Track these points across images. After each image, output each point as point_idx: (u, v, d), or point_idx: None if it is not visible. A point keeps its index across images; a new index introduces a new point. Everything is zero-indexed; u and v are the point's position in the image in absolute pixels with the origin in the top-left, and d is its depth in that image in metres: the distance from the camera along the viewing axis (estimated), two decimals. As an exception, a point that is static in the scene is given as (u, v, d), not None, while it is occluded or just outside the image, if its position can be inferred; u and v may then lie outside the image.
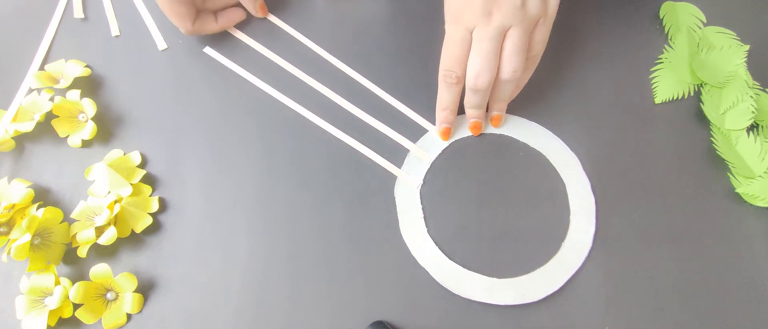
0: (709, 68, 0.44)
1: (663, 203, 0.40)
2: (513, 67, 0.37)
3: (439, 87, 0.40)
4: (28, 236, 0.37)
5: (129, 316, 0.39)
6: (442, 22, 0.44)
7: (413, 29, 0.46)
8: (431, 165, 0.42)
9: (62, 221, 0.40)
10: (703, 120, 0.43)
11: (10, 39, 0.47)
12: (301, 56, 0.46)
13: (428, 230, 0.40)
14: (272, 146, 0.43)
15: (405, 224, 0.40)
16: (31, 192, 0.41)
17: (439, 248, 0.39)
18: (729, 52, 0.44)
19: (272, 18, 0.47)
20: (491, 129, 0.43)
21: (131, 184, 0.41)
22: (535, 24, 0.37)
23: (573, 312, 0.38)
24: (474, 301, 0.38)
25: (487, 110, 0.42)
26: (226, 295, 0.39)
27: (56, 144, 0.43)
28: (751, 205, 0.40)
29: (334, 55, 0.45)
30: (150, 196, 0.41)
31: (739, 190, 0.40)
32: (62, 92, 0.44)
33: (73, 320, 0.38)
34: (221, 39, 0.46)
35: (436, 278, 0.38)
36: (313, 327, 0.38)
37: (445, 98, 0.40)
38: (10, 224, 0.40)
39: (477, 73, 0.37)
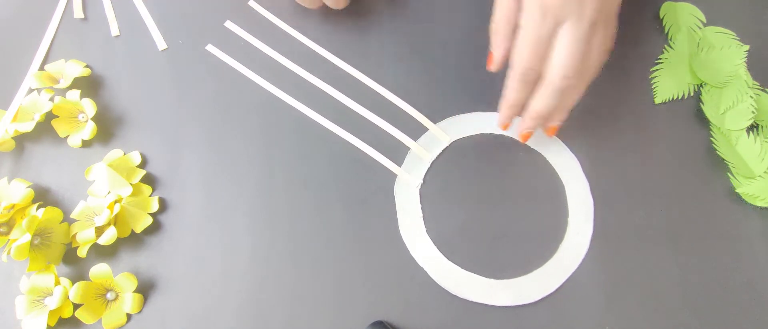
0: (709, 68, 0.44)
1: (663, 203, 0.40)
2: (596, 65, 0.35)
3: (511, 85, 0.37)
4: (28, 236, 0.37)
5: (129, 316, 0.39)
6: (440, 22, 0.44)
7: (414, 28, 0.46)
8: (432, 164, 0.42)
9: (62, 221, 0.40)
10: (703, 120, 0.43)
11: (10, 39, 0.47)
12: (301, 54, 0.45)
13: (427, 230, 0.40)
14: (272, 145, 0.43)
15: (404, 223, 0.40)
16: (31, 192, 0.41)
17: (438, 248, 0.39)
18: (729, 52, 0.44)
19: (272, 17, 0.47)
20: (495, 130, 0.43)
21: (131, 184, 0.41)
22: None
23: (573, 312, 0.38)
24: (473, 302, 0.38)
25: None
26: (226, 295, 0.39)
27: (56, 144, 0.43)
28: (751, 205, 0.40)
29: (335, 54, 0.45)
30: (150, 196, 0.41)
31: (739, 190, 0.40)
32: (62, 92, 0.44)
33: (73, 320, 0.38)
34: (221, 38, 0.46)
35: (434, 278, 0.38)
36: (313, 327, 0.38)
37: (517, 97, 0.37)
38: (10, 224, 0.40)
39: (567, 74, 0.34)
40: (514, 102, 0.38)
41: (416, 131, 0.43)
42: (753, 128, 0.42)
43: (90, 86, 0.45)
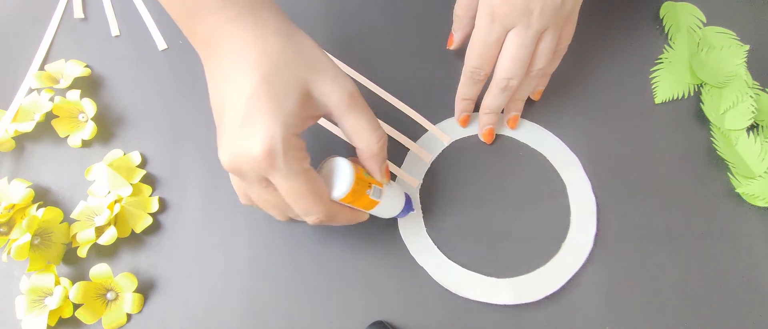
0: (709, 68, 0.44)
1: (663, 203, 0.40)
2: (540, 66, 0.37)
3: (462, 80, 0.40)
4: (28, 236, 0.37)
5: (129, 316, 0.39)
6: (440, 22, 0.44)
7: (413, 28, 0.46)
8: (431, 165, 0.42)
9: (62, 221, 0.40)
10: (703, 120, 0.43)
11: (10, 39, 0.47)
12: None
13: (428, 230, 0.40)
14: (272, 146, 0.43)
15: (404, 224, 0.40)
16: (31, 192, 0.41)
17: (439, 248, 0.39)
18: (729, 52, 0.44)
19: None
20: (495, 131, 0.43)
21: (131, 184, 0.41)
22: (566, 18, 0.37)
23: (573, 311, 0.38)
24: (474, 301, 0.38)
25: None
26: (226, 295, 0.39)
27: (56, 144, 0.43)
28: (751, 205, 0.40)
29: (334, 55, 0.45)
30: (150, 196, 0.41)
31: (739, 190, 0.40)
32: (62, 92, 0.44)
33: (73, 320, 0.38)
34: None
35: (435, 278, 0.38)
36: (313, 327, 0.38)
37: (469, 92, 0.40)
38: (10, 224, 0.40)
39: (510, 76, 0.37)
40: (464, 96, 0.41)
41: (416, 131, 0.43)
42: (753, 128, 0.42)
43: (90, 86, 0.45)
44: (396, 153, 0.42)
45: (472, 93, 0.40)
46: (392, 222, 0.40)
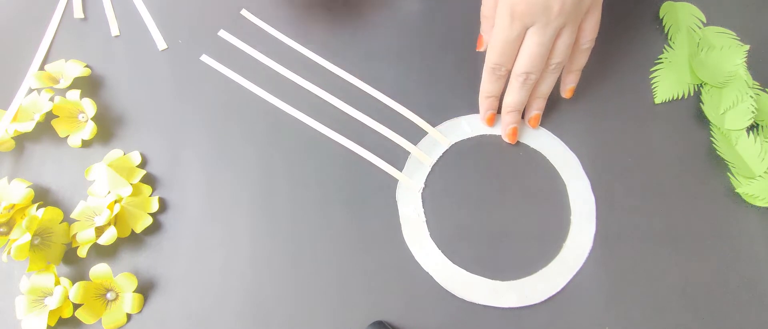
0: (709, 68, 0.44)
1: (663, 203, 0.40)
2: (559, 60, 0.38)
3: (484, 77, 0.41)
4: (28, 236, 0.37)
5: (129, 316, 0.39)
6: (439, 23, 0.44)
7: (412, 31, 0.46)
8: (432, 168, 0.42)
9: (62, 221, 0.40)
10: (703, 120, 0.43)
11: (10, 39, 0.47)
12: (299, 61, 0.45)
13: (431, 234, 0.40)
14: (273, 148, 0.43)
15: (407, 228, 0.40)
16: (31, 192, 0.41)
17: (442, 251, 0.39)
18: (729, 52, 0.44)
19: (268, 28, 0.47)
20: (494, 131, 0.43)
21: (131, 184, 0.41)
22: (586, 13, 0.37)
23: (573, 312, 0.38)
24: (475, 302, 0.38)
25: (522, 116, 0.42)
26: (226, 295, 0.39)
27: (56, 144, 0.43)
28: (751, 205, 0.40)
29: (332, 60, 0.45)
30: (150, 196, 0.41)
31: (739, 190, 0.40)
32: (62, 92, 0.44)
33: (73, 320, 0.38)
34: (219, 46, 0.46)
35: (440, 282, 0.38)
36: (312, 327, 0.38)
37: (491, 89, 0.41)
38: (10, 224, 0.40)
39: (529, 71, 0.38)
40: (487, 93, 0.41)
41: (416, 135, 0.43)
42: (753, 128, 0.42)
43: (90, 86, 0.45)
44: (396, 157, 0.42)
45: (495, 89, 0.41)
46: (392, 222, 0.40)
